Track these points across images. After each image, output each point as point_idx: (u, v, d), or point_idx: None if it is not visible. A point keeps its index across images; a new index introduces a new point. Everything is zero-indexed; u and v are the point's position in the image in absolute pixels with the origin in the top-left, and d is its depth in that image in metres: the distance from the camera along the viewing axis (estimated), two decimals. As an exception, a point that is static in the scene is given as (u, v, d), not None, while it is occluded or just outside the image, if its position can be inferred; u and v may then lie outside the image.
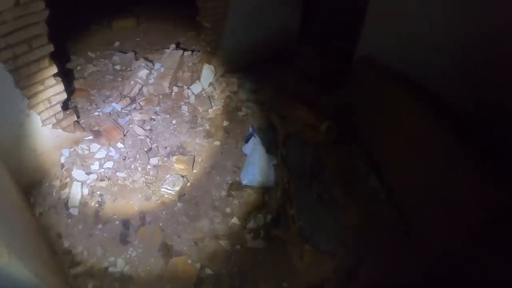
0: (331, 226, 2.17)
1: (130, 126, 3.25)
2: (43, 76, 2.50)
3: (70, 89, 3.69)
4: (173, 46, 3.74)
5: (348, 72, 3.47)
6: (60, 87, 2.73)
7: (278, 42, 4.34)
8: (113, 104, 3.42)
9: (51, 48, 2.49)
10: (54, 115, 2.76)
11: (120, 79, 3.87)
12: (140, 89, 3.50)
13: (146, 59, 3.76)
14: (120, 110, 3.39)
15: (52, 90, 2.64)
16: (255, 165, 2.68)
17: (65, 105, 2.94)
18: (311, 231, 2.13)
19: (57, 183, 2.83)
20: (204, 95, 3.46)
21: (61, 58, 4.24)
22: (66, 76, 3.86)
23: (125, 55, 4.15)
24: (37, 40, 2.34)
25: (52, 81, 2.60)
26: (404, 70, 2.89)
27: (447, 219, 1.97)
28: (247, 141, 3.01)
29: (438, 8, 2.48)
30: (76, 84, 3.87)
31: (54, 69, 2.60)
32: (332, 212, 2.26)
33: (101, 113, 3.36)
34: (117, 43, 4.64)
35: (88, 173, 2.87)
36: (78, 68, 4.31)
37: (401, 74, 2.89)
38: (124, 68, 4.12)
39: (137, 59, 4.06)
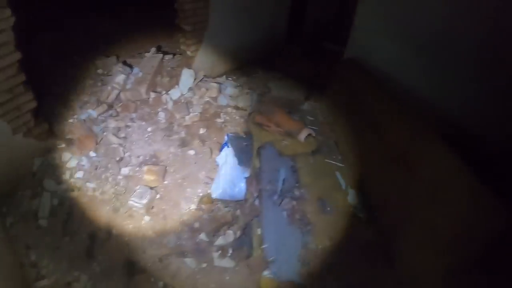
0: (298, 250, 2.00)
1: (105, 133, 3.13)
2: (11, 84, 2.40)
3: (49, 95, 3.60)
4: (153, 49, 3.61)
5: (333, 75, 3.31)
6: (30, 95, 2.63)
7: (264, 44, 4.20)
8: (89, 111, 3.31)
9: (18, 55, 2.39)
10: (25, 123, 2.67)
11: (99, 84, 3.76)
12: (118, 95, 3.38)
13: (125, 63, 3.64)
14: (96, 116, 3.28)
15: (22, 98, 2.54)
16: (226, 178, 2.53)
17: (39, 112, 2.85)
18: (275, 255, 1.96)
19: (28, 193, 2.74)
20: (183, 100, 3.32)
21: (44, 61, 4.19)
22: (46, 81, 3.79)
23: (108, 58, 4.04)
24: (3, 48, 2.25)
25: (21, 89, 2.50)
26: (392, 73, 2.74)
27: (434, 250, 1.76)
28: (222, 147, 2.86)
29: (427, 9, 2.38)
30: (56, 89, 3.77)
31: (22, 77, 2.50)
32: (303, 232, 2.09)
33: (76, 120, 3.25)
34: (101, 46, 4.53)
35: (58, 183, 2.78)
36: (58, 71, 4.22)
37: (385, 79, 2.74)
38: (106, 72, 4.01)
39: (119, 62, 3.94)
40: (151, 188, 2.67)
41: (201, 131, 3.09)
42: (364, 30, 3.00)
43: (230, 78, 3.77)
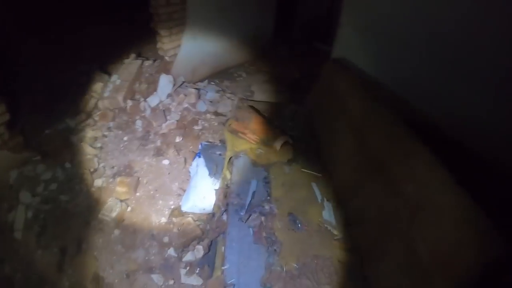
0: (261, 272, 1.88)
1: (81, 144, 3.08)
2: None
3: (27, 104, 3.58)
4: (132, 55, 3.53)
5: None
6: (2, 108, 2.61)
7: (249, 46, 4.06)
8: (67, 120, 3.27)
9: None
10: None
11: (80, 92, 3.71)
12: (96, 102, 3.32)
13: (104, 70, 3.57)
14: (74, 126, 3.23)
15: None
16: (195, 190, 2.43)
17: (14, 124, 2.82)
18: (236, 278, 1.85)
19: (4, 205, 2.72)
20: (161, 108, 3.23)
21: (25, 69, 4.16)
22: (26, 89, 3.76)
23: (89, 65, 3.98)
24: None
25: None
26: (379, 74, 2.59)
27: (414, 277, 1.53)
28: (195, 157, 2.77)
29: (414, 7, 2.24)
30: (36, 98, 3.74)
31: None
32: (269, 252, 1.96)
33: (53, 131, 3.21)
34: (86, 52, 4.48)
35: (33, 195, 2.74)
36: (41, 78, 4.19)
37: (372, 81, 2.59)
38: (86, 80, 3.95)
39: (101, 68, 3.88)
40: (122, 200, 2.60)
41: (177, 139, 3.00)
42: (349, 29, 2.86)
43: (212, 83, 3.67)
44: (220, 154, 2.69)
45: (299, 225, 2.11)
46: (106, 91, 3.29)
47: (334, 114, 2.73)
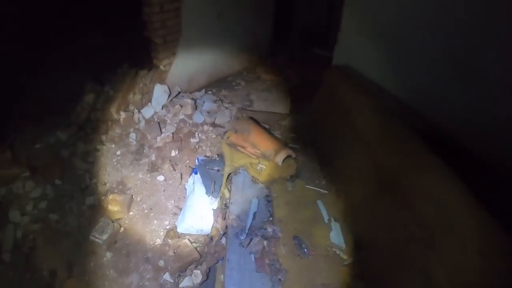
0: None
1: (72, 158, 2.92)
2: None
3: (18, 115, 3.43)
4: (126, 65, 3.38)
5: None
6: None
7: (247, 53, 3.92)
8: (58, 133, 3.10)
9: None
10: None
11: (72, 103, 3.56)
12: (88, 115, 3.16)
13: (97, 80, 3.42)
14: (65, 139, 3.07)
15: None
16: (192, 209, 2.28)
17: (2, 138, 2.67)
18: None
19: None
20: (156, 119, 3.08)
21: (13, 81, 4.01)
22: (16, 99, 3.61)
23: (82, 74, 3.83)
24: None
25: None
26: (383, 81, 2.46)
27: None
28: (191, 173, 2.62)
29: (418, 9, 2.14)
30: (27, 109, 3.59)
31: None
32: (273, 281, 1.82)
33: (44, 145, 3.05)
34: (79, 60, 4.33)
35: (22, 214, 2.59)
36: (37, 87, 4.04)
37: (376, 88, 2.46)
38: (79, 90, 3.80)
39: (94, 78, 3.73)
40: (114, 220, 2.44)
41: (173, 153, 2.86)
42: (351, 34, 2.73)
43: (209, 92, 3.52)
44: (218, 170, 2.54)
45: (305, 250, 1.96)
46: (99, 103, 3.14)
47: (338, 126, 2.59)
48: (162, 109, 3.17)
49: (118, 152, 2.92)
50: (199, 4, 3.25)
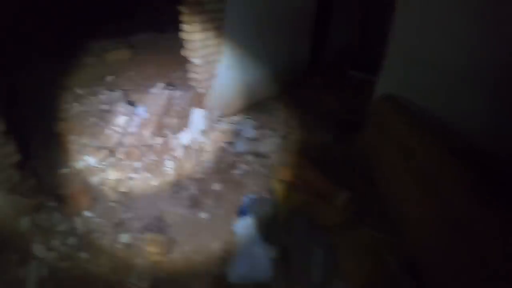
0: None
1: (103, 187, 2.67)
2: None
3: (42, 133, 3.20)
4: (160, 85, 3.15)
5: (366, 112, 2.80)
6: (11, 147, 2.21)
7: (285, 75, 3.72)
8: (87, 157, 2.86)
9: None
10: (7, 179, 2.25)
11: (101, 123, 3.33)
12: (120, 138, 2.92)
13: (129, 101, 3.20)
14: (94, 165, 2.83)
15: (1, 151, 2.15)
16: (247, 258, 2.01)
17: (25, 163, 2.43)
18: None
19: (15, 257, 2.31)
20: (194, 146, 2.83)
21: (45, 94, 3.80)
22: (48, 117, 3.39)
23: (113, 93, 3.62)
24: None
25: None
26: (434, 112, 2.25)
27: None
28: (240, 213, 2.35)
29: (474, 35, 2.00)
30: (55, 129, 3.36)
31: (1, 125, 2.06)
32: None
33: (71, 169, 2.81)
34: (108, 78, 4.13)
35: (48, 249, 2.33)
36: (64, 105, 3.84)
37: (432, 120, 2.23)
38: (109, 108, 3.59)
39: (125, 98, 3.51)
40: (154, 263, 2.17)
41: (215, 186, 2.60)
42: (399, 62, 2.51)
43: (248, 117, 3.28)
44: (270, 211, 2.27)
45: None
46: (132, 126, 2.90)
47: (399, 165, 2.35)
48: (200, 135, 2.92)
49: (155, 182, 2.66)
50: (240, 24, 3.04)
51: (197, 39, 2.76)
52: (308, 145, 3.00)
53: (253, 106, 3.47)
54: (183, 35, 2.77)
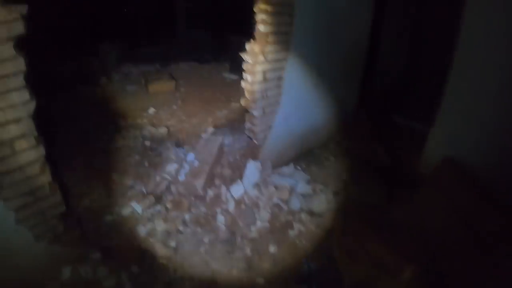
0: None
1: (151, 239, 2.55)
2: (31, 185, 1.88)
3: (84, 168, 3.11)
4: (211, 130, 3.07)
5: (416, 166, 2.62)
6: (57, 197, 2.09)
7: (333, 122, 3.61)
8: (133, 204, 2.75)
9: (41, 151, 1.85)
10: (51, 229, 2.13)
11: (146, 164, 3.24)
12: (168, 186, 2.82)
13: (176, 143, 3.10)
14: (140, 212, 2.71)
15: (46, 202, 2.01)
16: None
17: (71, 212, 2.33)
18: None
19: None
20: (247, 201, 2.72)
21: (84, 121, 3.74)
22: (87, 150, 3.31)
23: (157, 130, 3.54)
24: (20, 142, 1.74)
25: (45, 191, 1.96)
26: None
27: None
28: (299, 282, 2.21)
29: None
30: (97, 163, 3.27)
31: (46, 177, 1.95)
32: None
33: (116, 216, 2.70)
34: (151, 110, 4.07)
35: (92, 305, 2.17)
36: (105, 137, 3.77)
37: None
38: (154, 146, 3.51)
39: (170, 137, 3.43)
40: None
41: (271, 248, 2.46)
42: (458, 116, 2.39)
43: (298, 167, 3.17)
44: (331, 283, 2.13)
45: None
46: (182, 174, 2.79)
47: (459, 233, 2.18)
48: (253, 188, 2.80)
49: (206, 239, 2.53)
50: (298, 73, 2.97)
51: (258, 90, 2.68)
52: (361, 203, 2.87)
53: (303, 154, 3.37)
54: (243, 84, 2.70)
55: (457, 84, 2.41)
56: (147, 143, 3.60)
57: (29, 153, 1.80)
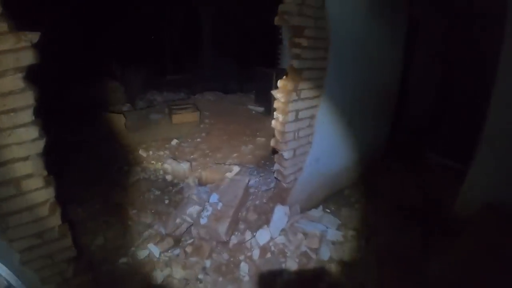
0: None
1: (168, 286, 2.35)
2: (39, 228, 1.74)
3: (103, 203, 2.98)
4: (236, 168, 2.90)
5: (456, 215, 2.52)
6: (67, 241, 1.91)
7: (364, 160, 3.40)
8: (150, 246, 2.58)
9: (50, 192, 1.71)
10: (59, 273, 1.96)
11: (167, 201, 3.09)
12: (189, 228, 2.64)
13: (201, 182, 2.94)
14: (158, 256, 2.54)
15: (55, 246, 1.86)
16: None
17: (82, 255, 2.17)
18: None
19: None
20: (273, 249, 2.51)
21: (103, 153, 3.65)
22: (105, 180, 3.20)
23: (179, 164, 3.41)
24: (28, 181, 1.61)
25: (54, 234, 1.81)
26: None
27: None
28: None
29: None
30: (114, 196, 3.14)
31: (56, 220, 1.80)
32: None
33: (132, 260, 2.52)
34: (174, 142, 3.96)
35: None
36: (125, 168, 3.67)
37: None
38: (176, 181, 3.38)
39: (192, 171, 3.28)
40: None
41: (299, 305, 2.21)
42: (500, 156, 2.15)
43: (328, 210, 2.95)
44: None
45: None
46: (204, 216, 2.62)
47: None
48: (279, 234, 2.59)
49: (228, 291, 2.32)
50: (331, 111, 2.80)
51: (290, 131, 2.52)
52: (396, 253, 2.60)
53: (332, 195, 3.15)
54: (274, 124, 2.54)
55: (499, 123, 2.21)
56: (168, 177, 3.47)
57: (38, 194, 1.67)
